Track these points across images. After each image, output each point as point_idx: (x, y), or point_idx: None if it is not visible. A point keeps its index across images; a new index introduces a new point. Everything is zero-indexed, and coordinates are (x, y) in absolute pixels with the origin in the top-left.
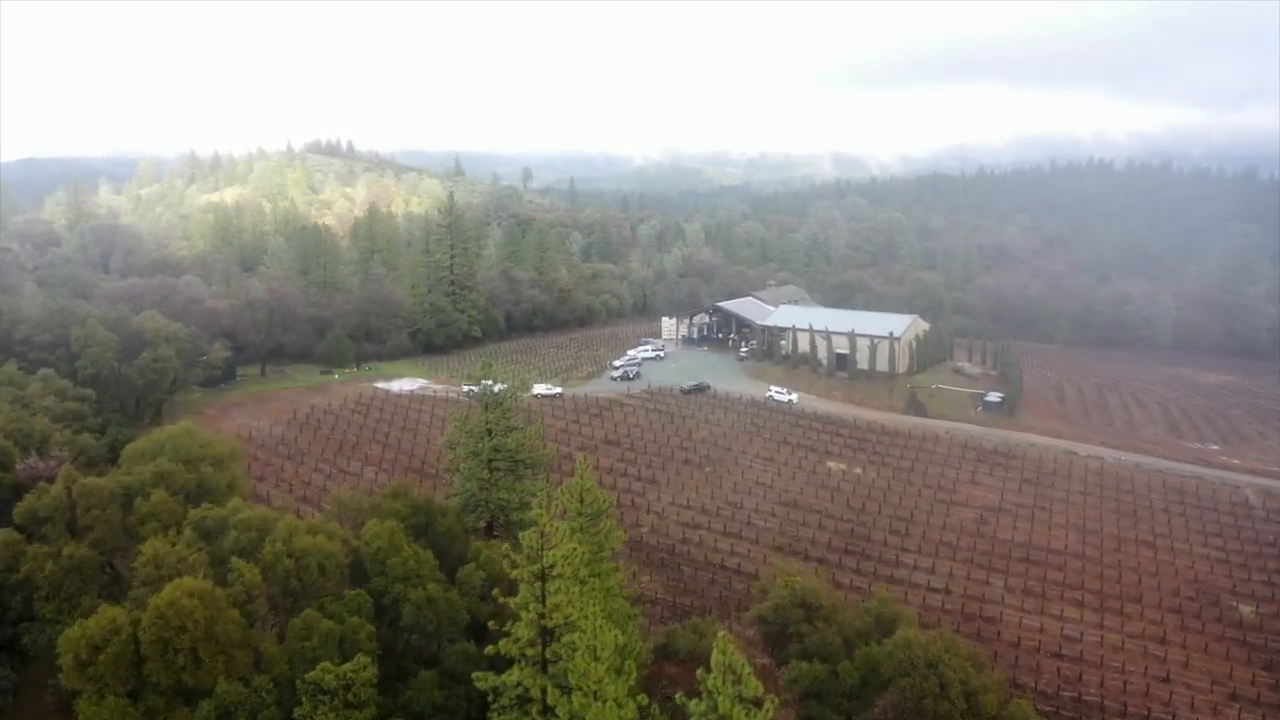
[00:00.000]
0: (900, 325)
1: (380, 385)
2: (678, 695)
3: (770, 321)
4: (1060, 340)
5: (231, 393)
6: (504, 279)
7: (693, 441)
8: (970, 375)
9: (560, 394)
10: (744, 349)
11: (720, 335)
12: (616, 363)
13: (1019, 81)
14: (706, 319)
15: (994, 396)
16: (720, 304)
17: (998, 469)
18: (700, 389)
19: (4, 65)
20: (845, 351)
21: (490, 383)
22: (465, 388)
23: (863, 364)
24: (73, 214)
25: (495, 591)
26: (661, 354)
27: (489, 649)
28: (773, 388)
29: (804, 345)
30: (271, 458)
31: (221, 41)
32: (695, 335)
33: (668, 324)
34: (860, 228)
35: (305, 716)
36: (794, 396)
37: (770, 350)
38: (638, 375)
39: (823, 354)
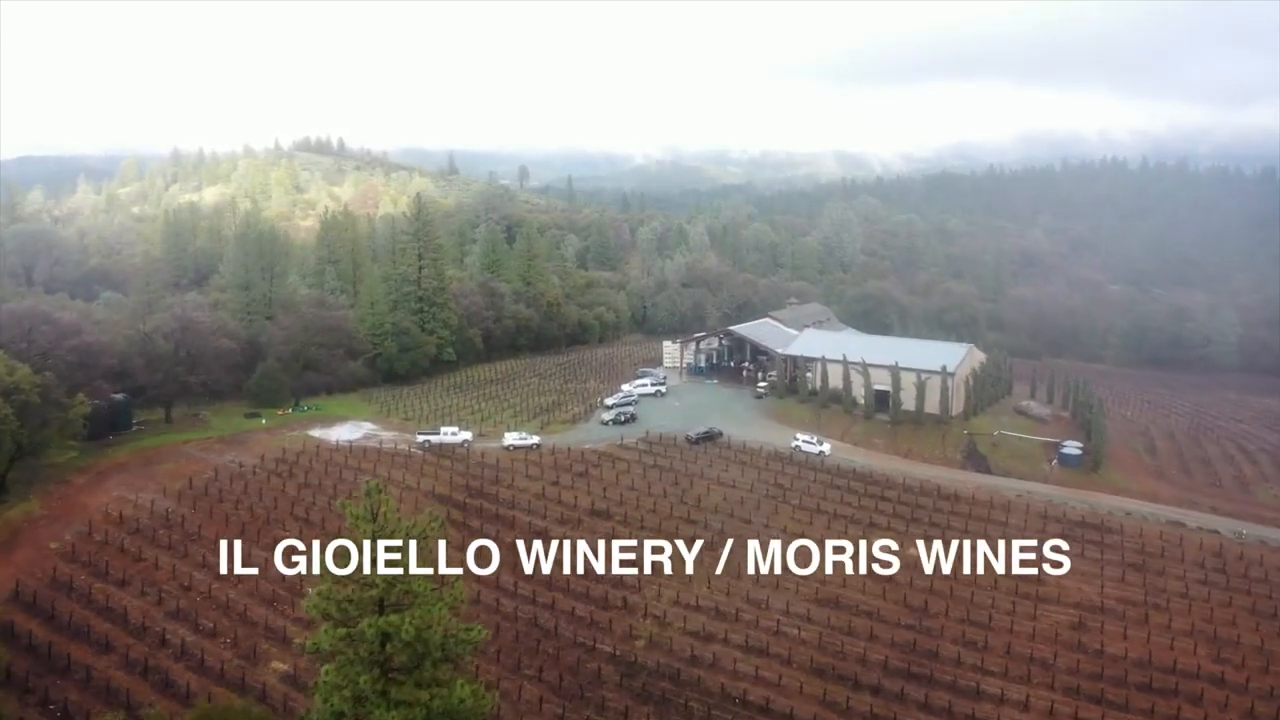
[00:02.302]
0: (954, 357)
1: (316, 433)
2: None
3: (793, 350)
4: (1109, 360)
5: (120, 449)
6: (484, 292)
7: (702, 511)
8: (1037, 417)
9: (538, 444)
10: (762, 383)
11: (732, 364)
12: (609, 400)
13: (1020, 79)
14: (716, 344)
15: (1072, 448)
16: (733, 328)
17: (1090, 548)
18: (711, 437)
19: (2, 62)
20: (886, 388)
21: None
22: (420, 437)
23: (908, 404)
24: (4, 217)
25: None
26: (663, 388)
27: None
28: (799, 435)
29: (835, 379)
30: (146, 547)
31: (222, 39)
32: (702, 363)
33: (669, 349)
34: (875, 231)
35: None
36: (826, 447)
37: (794, 385)
38: (634, 418)
39: (859, 391)
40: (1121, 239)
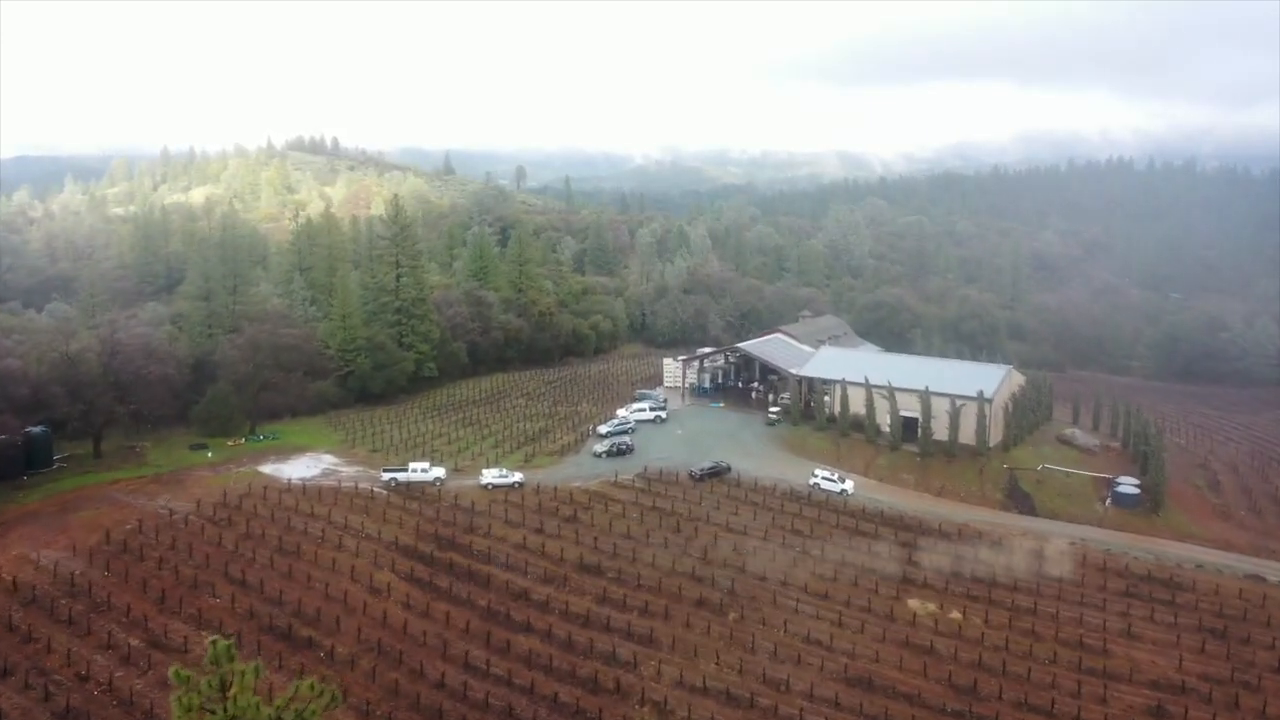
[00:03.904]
0: (991, 380)
1: (267, 469)
2: None
3: (808, 371)
4: (1137, 372)
5: (33, 493)
6: (469, 301)
7: (710, 565)
8: (1084, 448)
9: (520, 482)
10: (773, 407)
11: (740, 384)
12: (603, 428)
13: (1020, 79)
14: (722, 362)
15: (1128, 485)
16: (741, 345)
17: (1160, 609)
18: (717, 472)
19: (2, 61)
20: (915, 415)
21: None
22: (385, 475)
23: (939, 433)
24: None
25: None
26: (663, 413)
27: None
28: (818, 470)
29: (857, 404)
30: (40, 623)
31: (223, 39)
32: (706, 383)
33: (670, 367)
34: (883, 233)
35: None
36: (849, 484)
37: (809, 410)
38: (630, 448)
39: (884, 418)
40: (1135, 241)
